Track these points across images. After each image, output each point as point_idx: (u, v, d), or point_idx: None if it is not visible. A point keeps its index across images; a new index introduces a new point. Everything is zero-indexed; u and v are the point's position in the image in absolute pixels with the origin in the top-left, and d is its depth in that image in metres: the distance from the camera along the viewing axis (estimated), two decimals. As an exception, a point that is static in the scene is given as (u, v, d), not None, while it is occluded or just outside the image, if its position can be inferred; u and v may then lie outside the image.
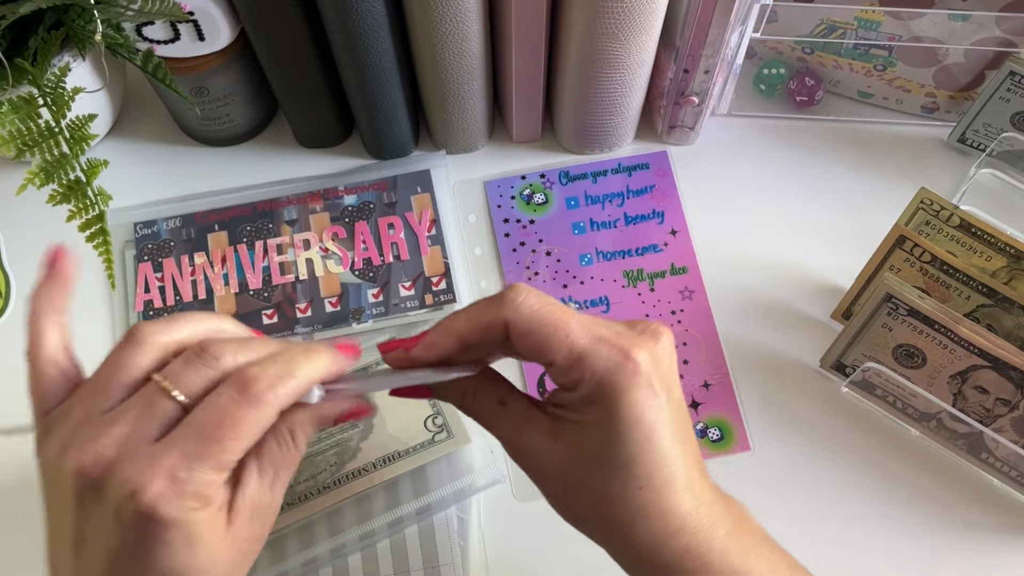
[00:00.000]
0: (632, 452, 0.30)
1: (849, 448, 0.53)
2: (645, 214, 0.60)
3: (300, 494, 0.49)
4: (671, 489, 0.31)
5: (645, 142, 0.63)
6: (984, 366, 0.47)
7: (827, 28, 0.57)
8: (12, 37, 0.51)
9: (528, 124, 0.61)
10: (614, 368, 0.30)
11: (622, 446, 0.30)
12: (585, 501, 0.32)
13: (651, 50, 0.53)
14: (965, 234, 0.51)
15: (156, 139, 0.64)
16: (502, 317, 0.31)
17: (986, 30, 0.55)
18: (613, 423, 0.30)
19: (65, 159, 0.49)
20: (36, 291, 0.33)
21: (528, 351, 0.31)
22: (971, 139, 0.61)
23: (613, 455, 0.31)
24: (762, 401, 0.54)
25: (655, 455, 0.31)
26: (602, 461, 0.31)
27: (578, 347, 0.30)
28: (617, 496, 0.31)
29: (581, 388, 0.31)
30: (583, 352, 0.30)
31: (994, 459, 0.50)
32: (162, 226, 0.59)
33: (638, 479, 0.31)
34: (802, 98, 0.63)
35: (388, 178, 0.60)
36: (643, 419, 0.30)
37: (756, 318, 0.57)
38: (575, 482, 0.32)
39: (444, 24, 0.50)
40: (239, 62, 0.56)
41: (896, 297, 0.47)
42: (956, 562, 0.50)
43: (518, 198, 0.61)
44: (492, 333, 0.32)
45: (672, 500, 0.31)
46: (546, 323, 0.31)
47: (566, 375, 0.31)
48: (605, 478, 0.31)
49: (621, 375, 0.30)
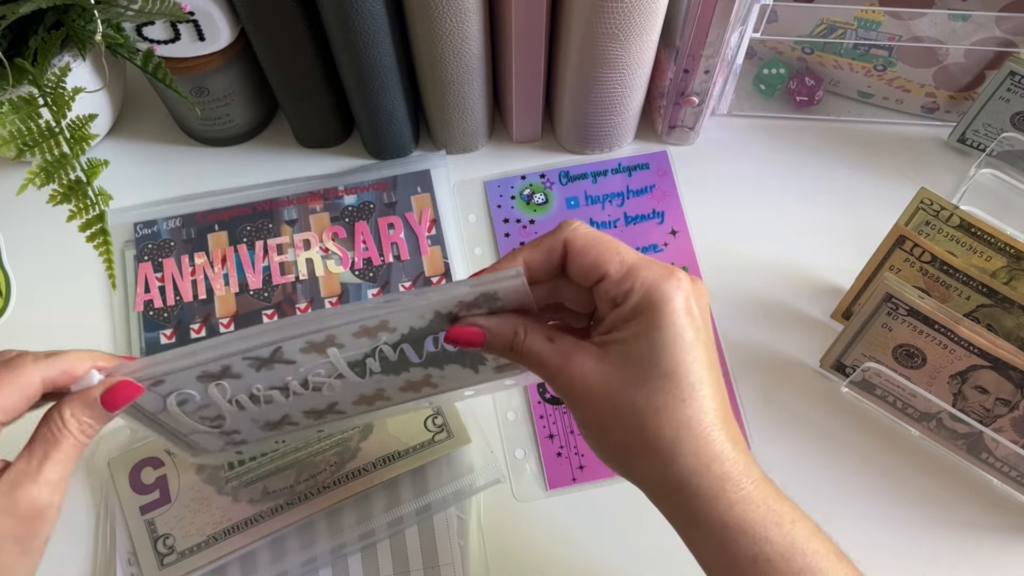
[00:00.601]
0: (675, 362, 0.33)
1: (849, 448, 0.53)
2: (645, 214, 0.60)
3: (300, 494, 0.49)
4: (709, 414, 0.33)
5: (645, 142, 0.63)
6: (984, 366, 0.47)
7: (827, 28, 0.57)
8: (12, 37, 0.51)
9: (528, 124, 0.61)
10: (661, 280, 0.33)
11: (666, 355, 0.33)
12: (630, 420, 0.33)
13: (651, 50, 0.53)
14: (965, 234, 0.51)
15: (156, 139, 0.64)
16: (562, 238, 0.35)
17: (986, 30, 0.55)
18: (658, 331, 0.33)
19: (65, 159, 0.49)
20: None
21: (584, 267, 0.34)
22: (971, 139, 0.61)
23: (658, 364, 0.33)
24: (762, 401, 0.54)
25: (695, 370, 0.33)
26: (647, 373, 0.33)
27: (629, 260, 0.34)
28: (662, 408, 0.33)
29: (631, 298, 0.33)
30: (634, 264, 0.34)
31: (994, 459, 0.50)
32: (162, 226, 0.59)
33: (682, 390, 0.33)
34: (802, 98, 0.63)
35: (388, 178, 0.60)
36: (684, 334, 0.33)
37: (756, 318, 0.57)
38: (622, 400, 0.33)
39: (444, 24, 0.50)
40: (239, 62, 0.56)
41: (896, 297, 0.47)
42: (956, 562, 0.50)
43: (518, 198, 0.61)
44: (553, 256, 0.35)
45: (711, 424, 0.33)
46: (601, 240, 0.35)
47: (618, 285, 0.34)
48: (651, 390, 0.33)
49: (667, 286, 0.33)
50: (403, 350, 0.37)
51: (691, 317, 0.33)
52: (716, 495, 0.33)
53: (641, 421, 0.33)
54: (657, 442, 0.33)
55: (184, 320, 0.56)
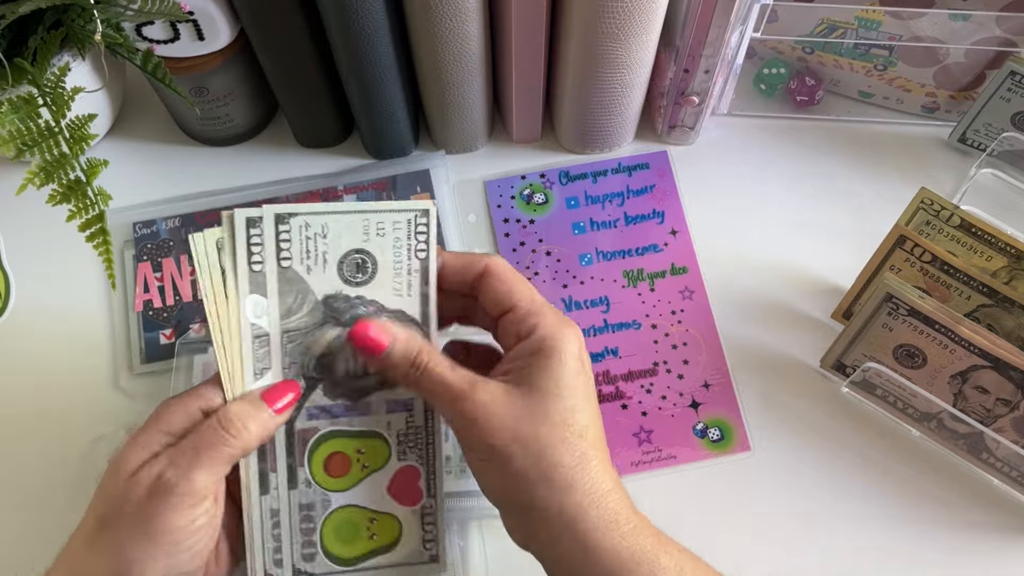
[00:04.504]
0: (575, 400, 0.35)
1: (849, 448, 0.53)
2: (645, 214, 0.60)
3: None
4: (600, 452, 0.36)
5: (645, 142, 0.63)
6: (984, 366, 0.47)
7: (827, 28, 0.57)
8: (12, 37, 0.51)
9: (528, 124, 0.61)
10: (563, 325, 0.36)
11: (568, 392, 0.35)
12: (533, 448, 0.34)
13: (651, 50, 0.53)
14: (965, 234, 0.51)
15: (156, 139, 0.64)
16: (485, 260, 0.38)
17: (986, 30, 0.55)
18: (563, 368, 0.35)
19: (65, 159, 0.49)
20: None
21: (498, 293, 0.37)
22: (971, 139, 0.61)
23: (562, 398, 0.35)
24: (762, 401, 0.54)
25: (588, 410, 0.36)
26: (551, 406, 0.35)
27: (538, 300, 0.37)
28: (563, 440, 0.34)
29: (535, 334, 0.36)
30: (542, 306, 0.37)
31: (994, 459, 0.50)
32: (161, 226, 0.59)
33: (582, 429, 0.35)
34: (802, 98, 0.63)
35: (387, 178, 0.60)
36: (581, 377, 0.36)
37: (756, 318, 0.57)
38: (526, 430, 0.34)
39: (444, 24, 0.50)
40: (239, 62, 0.56)
41: (896, 297, 0.47)
42: (956, 562, 0.50)
43: (518, 198, 0.61)
44: (469, 269, 0.38)
45: (603, 461, 0.35)
46: (519, 277, 0.38)
47: (524, 320, 0.37)
48: (554, 422, 0.35)
49: (569, 331, 0.36)
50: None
51: (584, 364, 0.36)
52: (609, 526, 0.34)
53: (543, 450, 0.34)
54: (557, 470, 0.34)
55: (184, 320, 0.56)
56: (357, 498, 0.40)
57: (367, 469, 0.40)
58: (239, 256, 0.37)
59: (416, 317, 0.39)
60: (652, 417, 0.54)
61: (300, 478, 0.39)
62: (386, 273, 0.38)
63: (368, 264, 0.38)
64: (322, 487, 0.39)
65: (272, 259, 0.37)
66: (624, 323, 0.57)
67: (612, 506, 0.34)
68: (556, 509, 0.34)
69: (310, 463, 0.39)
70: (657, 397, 0.54)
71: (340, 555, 0.40)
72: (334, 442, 0.39)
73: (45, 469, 0.52)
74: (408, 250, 0.38)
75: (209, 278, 0.37)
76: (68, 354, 0.56)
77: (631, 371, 0.55)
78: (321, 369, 0.39)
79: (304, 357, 0.38)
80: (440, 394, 0.36)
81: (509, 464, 0.34)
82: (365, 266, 0.38)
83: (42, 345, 0.56)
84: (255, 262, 0.37)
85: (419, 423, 0.40)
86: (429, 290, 0.38)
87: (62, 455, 0.52)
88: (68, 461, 0.52)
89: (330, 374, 0.39)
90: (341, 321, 0.38)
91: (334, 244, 0.37)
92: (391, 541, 0.40)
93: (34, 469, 0.53)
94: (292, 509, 0.39)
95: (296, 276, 0.37)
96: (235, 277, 0.37)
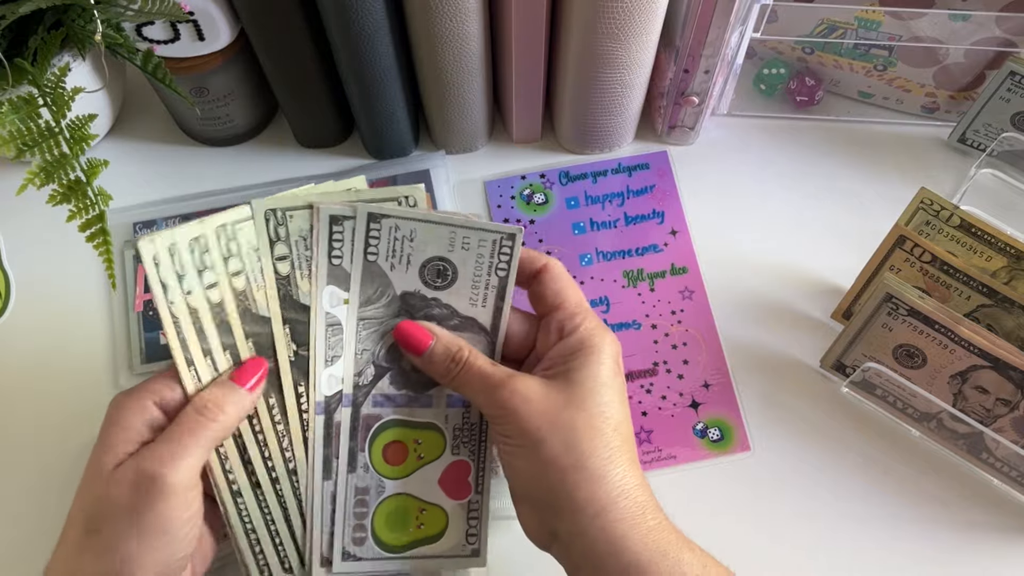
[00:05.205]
0: (611, 398, 0.37)
1: (849, 448, 0.53)
2: (645, 214, 0.60)
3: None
4: (631, 450, 0.37)
5: (645, 142, 0.63)
6: (984, 366, 0.47)
7: (827, 28, 0.57)
8: (12, 37, 0.51)
9: (528, 124, 0.61)
10: (602, 330, 0.39)
11: (604, 389, 0.37)
12: (567, 436, 0.35)
13: (651, 50, 0.53)
14: (965, 234, 0.51)
15: (156, 139, 0.64)
16: (545, 260, 0.40)
17: (986, 30, 0.55)
18: (600, 367, 0.37)
19: (65, 159, 0.49)
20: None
21: (551, 290, 0.39)
22: (971, 139, 0.61)
23: (597, 393, 0.36)
24: (762, 401, 0.54)
25: (621, 411, 0.37)
26: (588, 399, 0.36)
27: (584, 305, 0.40)
28: (598, 431, 0.36)
29: (577, 332, 0.38)
30: (587, 310, 0.39)
31: (994, 459, 0.50)
32: (162, 226, 0.59)
33: (616, 424, 0.36)
34: (802, 98, 0.63)
35: (388, 178, 0.60)
36: (617, 379, 0.38)
37: (756, 318, 0.57)
38: (562, 417, 0.36)
39: (444, 24, 0.50)
40: (239, 62, 0.56)
41: (896, 297, 0.47)
42: (956, 561, 0.50)
43: (518, 198, 0.61)
44: (531, 265, 0.40)
45: (633, 458, 0.37)
46: (571, 281, 0.40)
47: (571, 318, 0.39)
48: (590, 413, 0.36)
49: (608, 336, 0.38)
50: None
51: (620, 368, 0.38)
52: (636, 518, 0.35)
53: (578, 439, 0.35)
54: (590, 459, 0.35)
55: (184, 320, 0.56)
56: (410, 487, 0.41)
57: (423, 460, 0.41)
58: (320, 249, 0.39)
59: (486, 327, 0.40)
60: (652, 417, 0.54)
61: (360, 462, 0.40)
62: (465, 283, 0.40)
63: (449, 272, 0.39)
64: (379, 473, 0.41)
65: (359, 253, 0.39)
66: (624, 323, 0.57)
67: (640, 500, 0.35)
68: (585, 498, 0.34)
69: (370, 448, 0.40)
70: (657, 397, 0.55)
71: (387, 542, 0.41)
72: (395, 431, 0.41)
73: (45, 469, 0.52)
74: (489, 267, 0.39)
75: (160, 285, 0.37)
76: (68, 354, 0.56)
77: (631, 371, 0.55)
78: (390, 359, 0.40)
79: (376, 345, 0.40)
80: (479, 386, 0.37)
81: (541, 448, 0.35)
82: (445, 272, 0.39)
83: (42, 345, 0.56)
84: (335, 256, 0.39)
85: (474, 420, 0.42)
86: (504, 305, 0.40)
87: (62, 455, 0.52)
88: (68, 461, 0.52)
89: (398, 364, 0.40)
90: (415, 317, 0.40)
91: (419, 249, 0.39)
92: (437, 532, 0.42)
93: (34, 469, 0.53)
94: (349, 492, 0.40)
95: (379, 271, 0.39)
96: (315, 268, 0.39)
